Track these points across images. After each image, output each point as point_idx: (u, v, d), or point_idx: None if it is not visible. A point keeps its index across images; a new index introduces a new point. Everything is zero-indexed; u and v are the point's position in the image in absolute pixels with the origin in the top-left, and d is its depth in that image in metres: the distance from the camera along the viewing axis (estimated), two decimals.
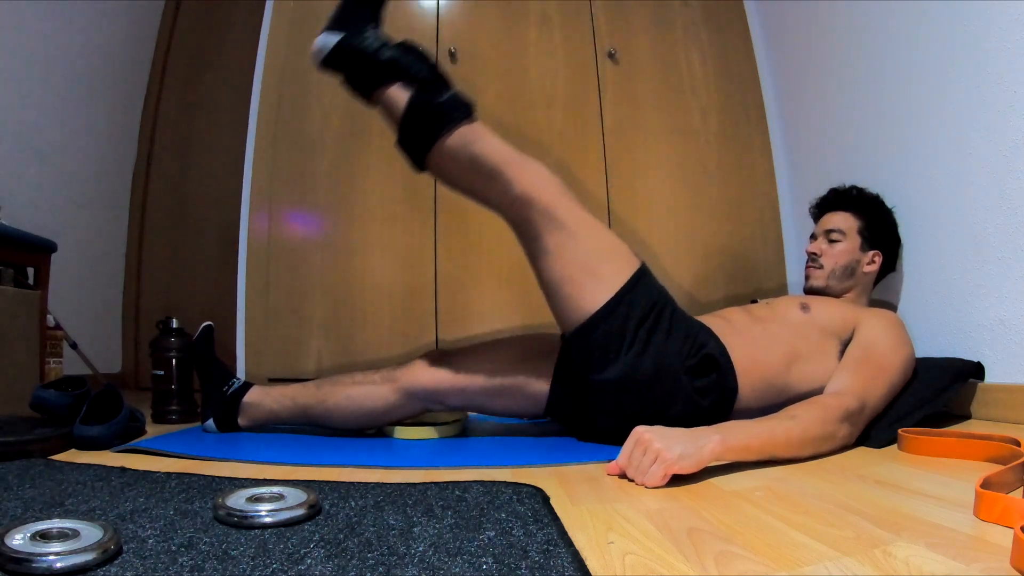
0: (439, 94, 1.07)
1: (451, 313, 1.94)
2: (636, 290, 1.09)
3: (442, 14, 2.09)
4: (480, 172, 1.07)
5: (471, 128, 1.07)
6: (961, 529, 0.60)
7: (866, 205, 1.48)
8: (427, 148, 1.08)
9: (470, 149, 1.06)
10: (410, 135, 1.10)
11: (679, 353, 1.09)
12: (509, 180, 1.06)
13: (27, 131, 2.04)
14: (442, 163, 1.10)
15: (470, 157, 1.07)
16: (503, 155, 1.07)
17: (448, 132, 1.06)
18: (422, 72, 1.08)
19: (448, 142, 1.06)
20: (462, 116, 1.07)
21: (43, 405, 1.20)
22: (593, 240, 1.10)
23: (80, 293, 2.31)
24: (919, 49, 1.47)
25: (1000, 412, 1.24)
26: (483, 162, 1.06)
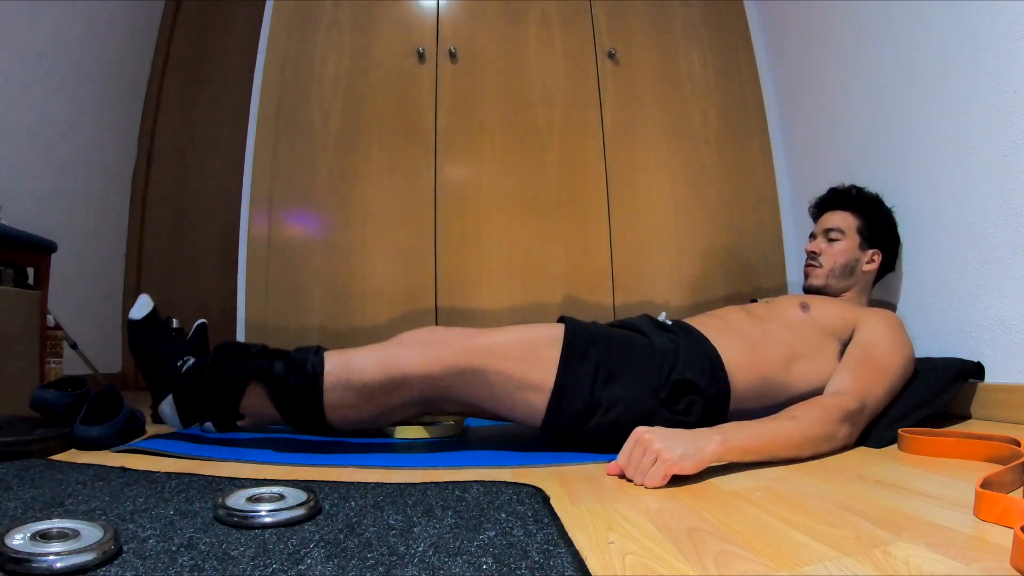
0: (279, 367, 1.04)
1: (451, 313, 1.94)
2: (571, 363, 1.05)
3: (442, 14, 2.09)
4: (375, 393, 1.04)
5: (334, 370, 1.02)
6: (961, 529, 0.60)
7: (865, 204, 1.48)
8: (320, 414, 1.04)
9: (352, 385, 1.03)
10: (300, 421, 1.06)
11: (647, 389, 1.07)
12: (403, 376, 1.02)
13: (27, 131, 2.04)
14: (344, 415, 1.06)
15: (358, 391, 1.03)
16: (379, 363, 1.03)
17: (322, 395, 1.02)
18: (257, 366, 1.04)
19: (331, 400, 1.03)
20: (318, 368, 1.02)
21: (43, 405, 1.20)
22: (505, 361, 1.04)
23: (80, 293, 2.31)
24: (919, 49, 1.47)
25: (1000, 412, 1.24)
26: (370, 384, 1.03)
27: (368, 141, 2.00)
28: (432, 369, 1.03)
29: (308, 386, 1.03)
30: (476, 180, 2.03)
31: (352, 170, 1.98)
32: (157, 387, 1.10)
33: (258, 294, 1.89)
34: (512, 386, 1.05)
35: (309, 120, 1.99)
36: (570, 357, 1.06)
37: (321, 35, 2.04)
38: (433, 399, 1.08)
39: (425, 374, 1.03)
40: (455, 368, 1.03)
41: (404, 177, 1.99)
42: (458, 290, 1.95)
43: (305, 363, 1.03)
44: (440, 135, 2.02)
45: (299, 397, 1.04)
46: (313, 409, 1.04)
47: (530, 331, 1.10)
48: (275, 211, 1.93)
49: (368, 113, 2.01)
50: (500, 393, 1.06)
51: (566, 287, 1.98)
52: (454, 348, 1.04)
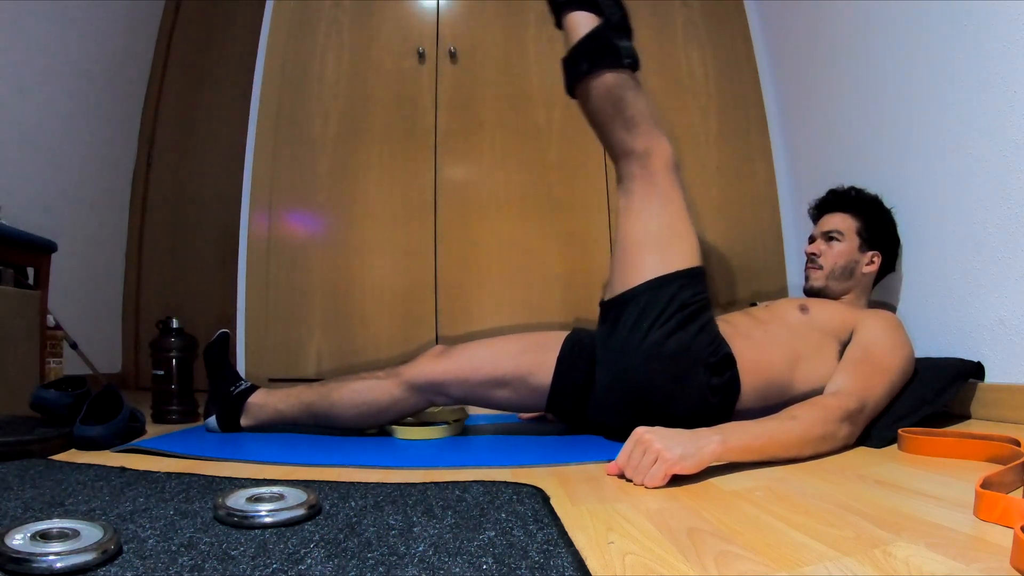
0: (621, 38, 1.19)
1: (451, 313, 1.94)
2: (690, 280, 1.15)
3: (442, 14, 2.09)
4: (618, 115, 1.17)
5: (632, 77, 1.18)
6: (961, 529, 0.60)
7: (865, 206, 1.48)
8: (589, 74, 1.17)
9: (621, 92, 1.16)
10: (580, 58, 1.19)
11: (704, 347, 1.12)
12: (638, 134, 1.16)
13: (27, 131, 2.04)
14: (592, 93, 1.18)
15: (618, 99, 1.16)
16: (644, 112, 1.18)
17: (613, 69, 1.16)
18: (615, 15, 1.21)
19: (608, 78, 1.16)
20: (631, 64, 1.18)
21: (43, 405, 1.20)
22: (675, 221, 1.18)
23: (80, 293, 2.31)
24: (919, 49, 1.47)
25: (1000, 412, 1.24)
26: (626, 108, 1.16)
27: (368, 141, 2.00)
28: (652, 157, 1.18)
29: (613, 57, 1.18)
30: (476, 180, 2.03)
31: (352, 170, 1.98)
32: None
33: (258, 294, 1.89)
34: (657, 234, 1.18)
35: (309, 120, 1.99)
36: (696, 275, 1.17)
37: (321, 35, 2.04)
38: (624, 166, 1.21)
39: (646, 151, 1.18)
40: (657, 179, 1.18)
41: (404, 177, 1.99)
42: (458, 290, 1.95)
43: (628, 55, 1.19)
44: (440, 135, 2.02)
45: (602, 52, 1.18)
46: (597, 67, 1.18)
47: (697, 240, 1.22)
48: (275, 211, 1.93)
49: (368, 113, 2.01)
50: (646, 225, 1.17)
51: (566, 287, 1.98)
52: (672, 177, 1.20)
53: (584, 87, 1.19)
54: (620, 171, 1.22)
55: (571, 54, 1.21)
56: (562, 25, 1.25)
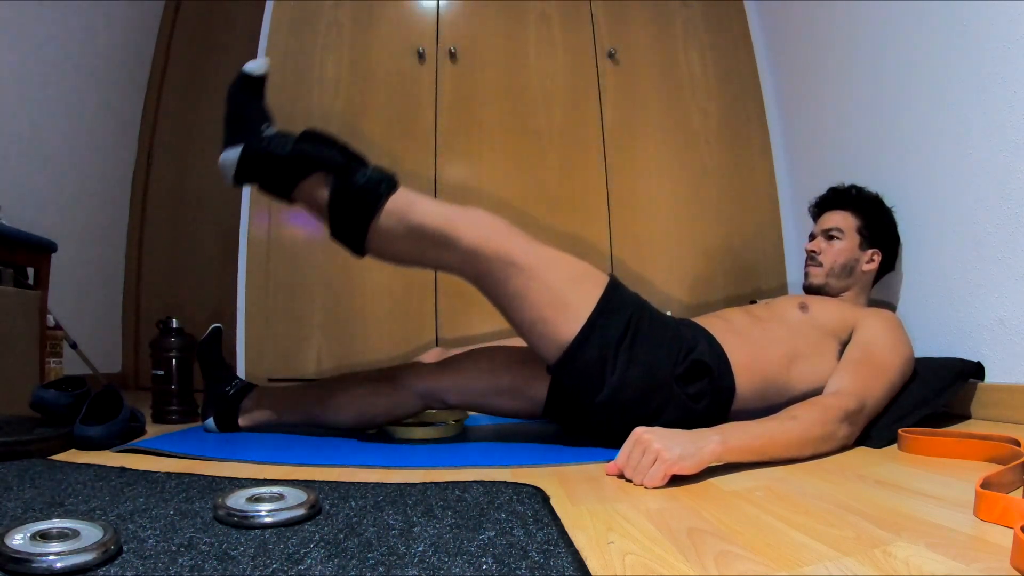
0: (357, 175, 1.03)
1: (451, 313, 1.94)
2: (608, 310, 1.06)
3: (442, 14, 2.09)
4: (422, 240, 1.03)
5: (400, 198, 1.03)
6: (961, 529, 0.60)
7: (865, 204, 1.48)
8: (363, 233, 1.04)
9: (406, 220, 1.02)
10: (342, 225, 1.05)
11: (666, 361, 1.07)
12: (454, 239, 1.02)
13: (28, 131, 2.04)
14: (382, 243, 1.05)
15: (408, 228, 1.02)
16: (441, 215, 1.03)
17: (378, 211, 1.02)
18: (334, 158, 1.04)
19: (381, 221, 1.02)
20: (387, 190, 1.02)
21: (43, 405, 1.20)
22: (554, 273, 1.05)
23: (80, 293, 2.31)
24: (919, 49, 1.47)
25: (1000, 412, 1.24)
26: (423, 229, 1.02)
27: (368, 141, 2.00)
28: (484, 246, 1.02)
29: (370, 198, 1.02)
30: (476, 180, 2.03)
31: None
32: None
33: (258, 294, 1.89)
34: (547, 300, 1.04)
35: (309, 120, 1.99)
36: (610, 302, 1.06)
37: (321, 35, 2.03)
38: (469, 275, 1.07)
39: (474, 248, 1.02)
40: (506, 256, 1.03)
41: (404, 177, 1.97)
42: (458, 290, 1.95)
43: (379, 182, 1.03)
44: (440, 135, 2.02)
45: (357, 204, 1.03)
46: (363, 221, 1.03)
47: (583, 263, 1.10)
48: (275, 211, 1.93)
49: (368, 113, 2.01)
50: (533, 302, 1.04)
51: None
52: (514, 240, 1.04)
53: (372, 244, 1.06)
54: (470, 277, 1.07)
55: (332, 228, 1.05)
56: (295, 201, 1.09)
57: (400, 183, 1.05)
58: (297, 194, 1.07)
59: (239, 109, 1.12)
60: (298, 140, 1.06)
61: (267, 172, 1.07)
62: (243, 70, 1.15)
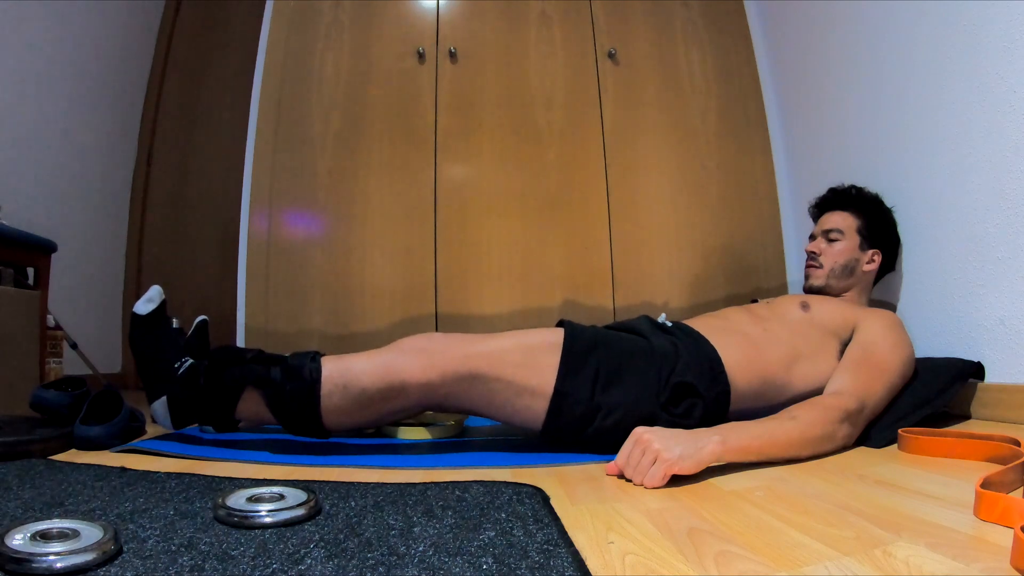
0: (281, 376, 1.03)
1: (451, 313, 1.94)
2: (571, 369, 1.05)
3: (442, 14, 2.09)
4: (375, 400, 1.04)
5: (331, 373, 1.03)
6: (961, 529, 0.60)
7: (865, 204, 1.48)
8: (318, 421, 1.05)
9: (350, 390, 1.03)
10: (296, 424, 1.06)
11: (646, 393, 1.07)
12: (402, 384, 1.03)
13: (27, 131, 2.04)
14: (339, 419, 1.06)
15: (355, 398, 1.03)
16: (378, 368, 1.03)
17: (319, 397, 1.02)
18: (251, 372, 1.04)
19: (327, 404, 1.03)
20: (314, 373, 1.02)
21: (43, 405, 1.20)
22: (508, 367, 1.04)
23: (80, 293, 2.31)
24: (919, 49, 1.47)
25: (1000, 412, 1.24)
26: (368, 391, 1.03)
27: (368, 141, 2.00)
28: (430, 376, 1.03)
29: (306, 392, 1.03)
30: (476, 180, 2.03)
31: (352, 170, 1.98)
32: (153, 385, 1.09)
33: (258, 294, 1.89)
34: (512, 392, 1.05)
35: (309, 120, 1.99)
36: (569, 363, 1.06)
37: (321, 35, 2.03)
38: (432, 405, 1.08)
39: (424, 381, 1.03)
40: (454, 375, 1.03)
41: (404, 177, 1.99)
42: (458, 290, 1.95)
43: (302, 369, 1.03)
44: (440, 135, 2.02)
45: (297, 403, 1.03)
46: (310, 415, 1.04)
47: (529, 336, 1.10)
48: (275, 211, 1.93)
49: (368, 113, 2.01)
50: (500, 400, 1.06)
51: (566, 288, 1.98)
52: (453, 354, 1.04)
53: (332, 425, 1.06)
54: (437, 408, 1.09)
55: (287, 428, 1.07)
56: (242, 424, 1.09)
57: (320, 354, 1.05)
58: (240, 415, 1.07)
59: (147, 357, 1.10)
60: (208, 369, 1.06)
61: (200, 410, 1.07)
62: (134, 311, 1.13)
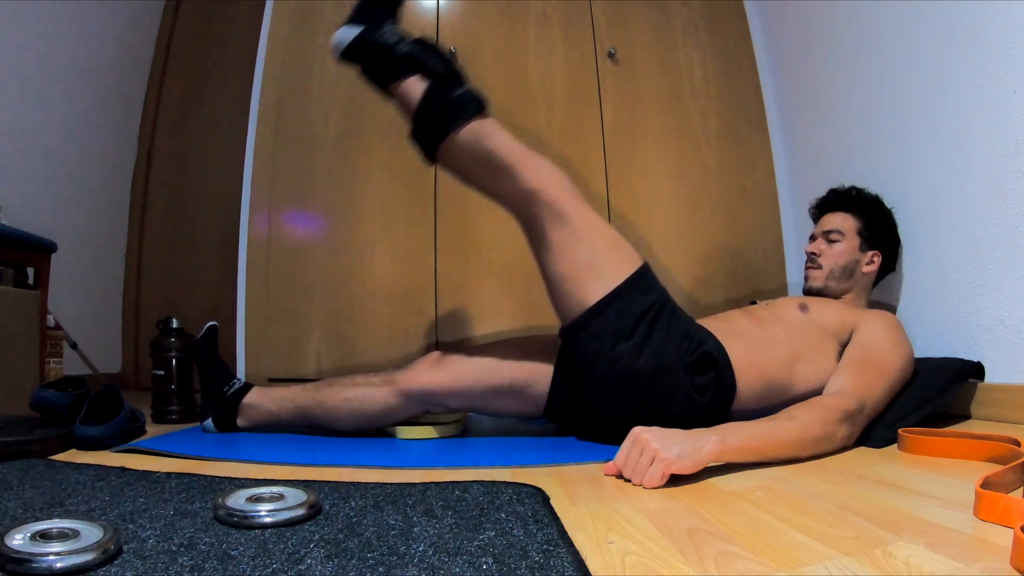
0: (453, 89, 1.10)
1: (451, 313, 1.94)
2: (635, 287, 1.10)
3: (442, 14, 2.09)
4: (489, 167, 1.10)
5: (483, 123, 1.09)
6: (961, 529, 0.60)
7: (865, 205, 1.48)
8: (439, 141, 1.11)
9: (481, 144, 1.09)
10: (423, 128, 1.12)
11: (678, 350, 1.10)
12: (517, 176, 1.08)
13: (27, 131, 2.04)
14: (453, 156, 1.12)
15: (480, 152, 1.09)
16: (513, 152, 1.09)
17: (460, 126, 1.08)
18: (438, 67, 1.11)
19: (460, 136, 1.09)
20: (474, 111, 1.09)
21: (43, 405, 1.20)
22: (596, 238, 1.11)
23: (80, 293, 2.31)
24: (919, 49, 1.47)
25: (1000, 412, 1.24)
26: (493, 157, 1.08)
27: (368, 141, 2.00)
28: (542, 191, 1.09)
29: (455, 114, 1.09)
30: None
31: (352, 170, 1.98)
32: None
33: (258, 294, 1.89)
34: (583, 260, 1.10)
35: (309, 120, 1.99)
36: (640, 280, 1.12)
37: (321, 35, 2.03)
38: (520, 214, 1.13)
39: (534, 189, 1.09)
40: (558, 207, 1.09)
41: (404, 177, 1.99)
42: (458, 290, 1.95)
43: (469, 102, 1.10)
44: None
45: (442, 115, 1.10)
46: (441, 131, 1.10)
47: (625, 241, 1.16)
48: (275, 211, 1.93)
49: (368, 113, 2.01)
50: (569, 259, 1.10)
51: None
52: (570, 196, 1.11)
53: (443, 154, 1.13)
54: (520, 217, 1.14)
55: (415, 128, 1.14)
56: (392, 96, 1.16)
57: (490, 113, 1.12)
58: (393, 89, 1.14)
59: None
60: (412, 42, 1.13)
61: (374, 61, 1.15)
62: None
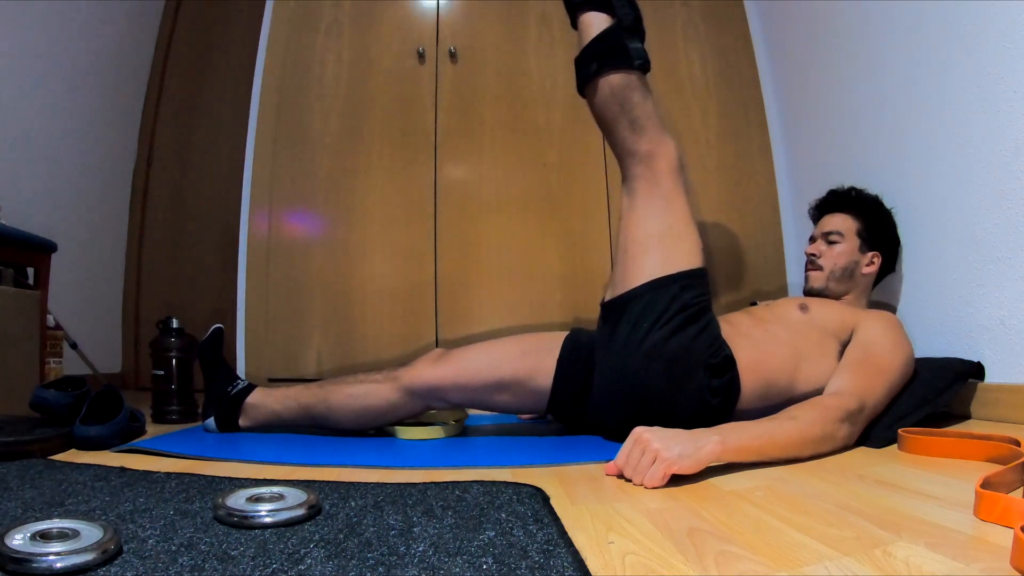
0: (632, 39, 1.19)
1: (451, 313, 1.94)
2: (692, 281, 1.15)
3: (442, 14, 2.09)
4: (624, 115, 1.18)
5: (640, 79, 1.19)
6: (961, 529, 0.60)
7: (865, 206, 1.48)
8: (598, 75, 1.19)
9: (628, 93, 1.17)
10: (590, 58, 1.20)
11: (705, 348, 1.12)
12: (642, 134, 1.17)
13: (27, 131, 2.04)
14: (601, 92, 1.20)
15: (625, 99, 1.18)
16: (651, 114, 1.18)
17: (622, 70, 1.17)
18: (628, 16, 1.21)
19: (615, 78, 1.18)
20: (640, 66, 1.19)
21: (43, 405, 1.20)
22: (677, 221, 1.18)
23: (80, 293, 2.31)
24: (919, 49, 1.47)
25: (1000, 412, 1.24)
26: (632, 108, 1.17)
27: (368, 141, 2.00)
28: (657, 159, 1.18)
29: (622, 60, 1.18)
30: (476, 180, 2.03)
31: (352, 170, 1.98)
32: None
33: (258, 294, 1.89)
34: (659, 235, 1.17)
35: (309, 120, 1.99)
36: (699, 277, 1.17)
37: (321, 35, 2.04)
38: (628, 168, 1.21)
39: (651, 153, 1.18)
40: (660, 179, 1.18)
41: (404, 177, 1.99)
42: (458, 290, 1.95)
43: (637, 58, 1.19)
44: (440, 135, 2.02)
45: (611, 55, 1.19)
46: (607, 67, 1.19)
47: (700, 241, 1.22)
48: (275, 211, 1.93)
49: (368, 113, 2.01)
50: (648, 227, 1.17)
51: (566, 287, 1.98)
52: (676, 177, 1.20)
53: (593, 86, 1.21)
54: (625, 171, 1.22)
55: (582, 54, 1.22)
56: (577, 25, 1.26)
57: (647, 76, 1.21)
58: (580, 12, 1.24)
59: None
60: None
61: None
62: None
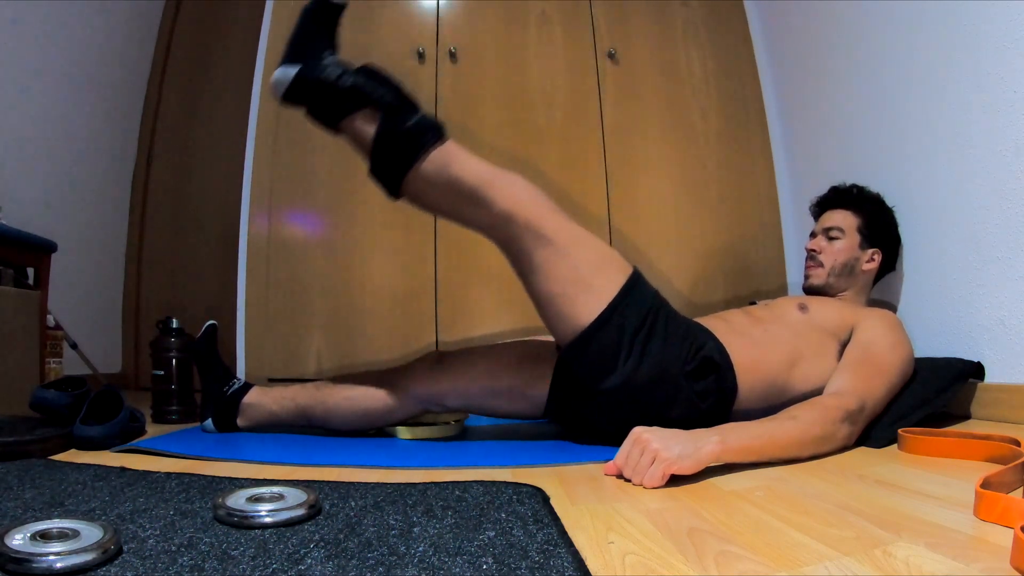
0: (407, 119, 1.03)
1: (451, 314, 1.94)
2: (629, 299, 1.08)
3: (442, 14, 2.09)
4: (459, 194, 1.04)
5: (444, 150, 1.03)
6: (961, 529, 0.60)
7: (866, 203, 1.48)
8: (401, 176, 1.05)
9: (446, 172, 1.03)
10: (382, 164, 1.06)
11: (677, 358, 1.09)
12: (489, 200, 1.03)
13: (27, 131, 2.04)
14: (418, 189, 1.06)
15: (446, 180, 1.03)
16: (480, 174, 1.04)
17: (421, 158, 1.02)
18: (387, 97, 1.04)
19: (422, 168, 1.03)
20: (433, 139, 1.03)
21: (43, 405, 1.20)
22: (581, 252, 1.07)
23: (80, 293, 2.31)
24: (919, 49, 1.47)
25: (1000, 412, 1.24)
26: (461, 184, 1.03)
27: None
28: (517, 214, 1.03)
29: (414, 144, 1.03)
30: None
31: (352, 170, 1.98)
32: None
33: (258, 294, 1.89)
34: (571, 277, 1.06)
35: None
36: (632, 291, 1.09)
37: None
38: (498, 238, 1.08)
39: (508, 213, 1.03)
40: (536, 227, 1.04)
41: None
42: (458, 290, 1.95)
43: (426, 130, 1.04)
44: None
45: (400, 148, 1.03)
46: (402, 166, 1.04)
47: (611, 249, 1.13)
48: (275, 211, 1.93)
49: None
50: (556, 278, 1.06)
51: None
52: (547, 213, 1.06)
53: (408, 189, 1.07)
54: (497, 240, 1.09)
55: (372, 165, 1.07)
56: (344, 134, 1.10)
57: (448, 136, 1.06)
58: (343, 126, 1.07)
59: (307, 31, 1.08)
60: (355, 73, 1.05)
61: (318, 99, 1.06)
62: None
